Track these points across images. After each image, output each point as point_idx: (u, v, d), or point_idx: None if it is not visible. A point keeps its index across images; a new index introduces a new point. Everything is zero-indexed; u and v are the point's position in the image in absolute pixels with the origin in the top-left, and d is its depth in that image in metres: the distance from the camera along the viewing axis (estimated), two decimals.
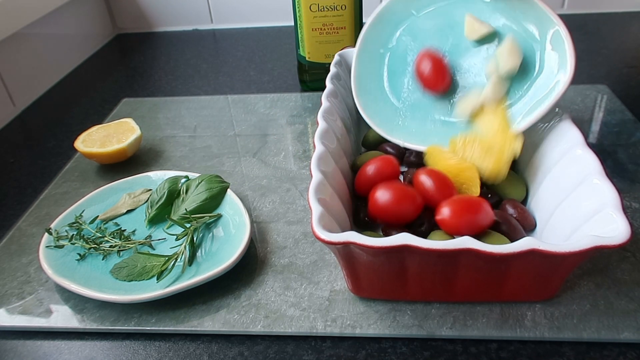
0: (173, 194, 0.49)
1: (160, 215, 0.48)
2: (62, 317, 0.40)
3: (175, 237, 0.44)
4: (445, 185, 0.41)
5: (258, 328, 0.38)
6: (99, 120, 0.68)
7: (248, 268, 0.43)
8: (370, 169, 0.44)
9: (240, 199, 0.46)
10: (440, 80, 0.48)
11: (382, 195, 0.40)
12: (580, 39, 0.83)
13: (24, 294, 0.42)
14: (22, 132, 0.70)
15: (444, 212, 0.38)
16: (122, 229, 0.47)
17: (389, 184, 0.41)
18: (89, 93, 0.79)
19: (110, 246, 0.45)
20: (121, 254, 0.44)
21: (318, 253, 0.44)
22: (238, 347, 0.37)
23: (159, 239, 0.46)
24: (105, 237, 0.45)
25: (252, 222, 0.47)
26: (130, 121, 0.60)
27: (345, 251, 0.34)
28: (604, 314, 0.37)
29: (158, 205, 0.48)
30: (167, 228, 0.47)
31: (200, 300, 0.40)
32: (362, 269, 0.36)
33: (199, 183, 0.48)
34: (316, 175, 0.38)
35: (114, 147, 0.55)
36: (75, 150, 0.58)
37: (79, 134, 0.58)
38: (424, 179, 0.42)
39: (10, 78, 0.72)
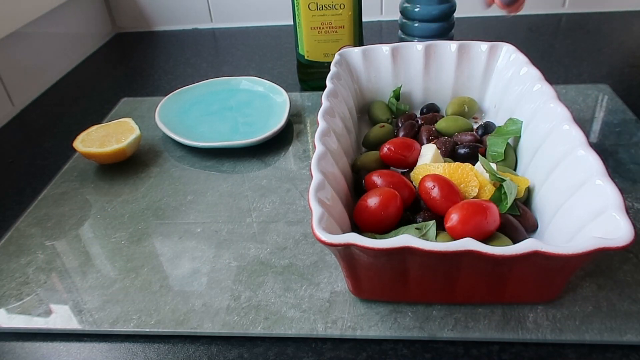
0: None
1: None
2: (61, 318, 0.40)
3: None
4: (452, 191, 0.41)
5: (258, 330, 0.38)
6: (98, 120, 0.68)
7: (247, 269, 0.43)
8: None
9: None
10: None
11: (369, 202, 0.40)
12: (581, 39, 0.83)
13: (23, 295, 0.42)
14: (21, 131, 0.69)
15: (453, 218, 0.38)
16: None
17: (373, 193, 0.41)
18: (88, 92, 0.78)
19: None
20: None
21: (318, 254, 0.43)
22: (238, 349, 0.37)
23: None
24: None
25: (253, 221, 0.47)
26: (129, 121, 0.59)
27: (346, 252, 0.34)
28: (606, 315, 0.37)
29: None
30: None
31: (200, 301, 0.40)
32: (362, 271, 0.36)
33: None
34: (316, 176, 0.38)
35: (113, 147, 0.55)
36: (74, 150, 0.57)
37: (77, 134, 0.57)
38: (430, 185, 0.41)
39: (9, 77, 0.72)
